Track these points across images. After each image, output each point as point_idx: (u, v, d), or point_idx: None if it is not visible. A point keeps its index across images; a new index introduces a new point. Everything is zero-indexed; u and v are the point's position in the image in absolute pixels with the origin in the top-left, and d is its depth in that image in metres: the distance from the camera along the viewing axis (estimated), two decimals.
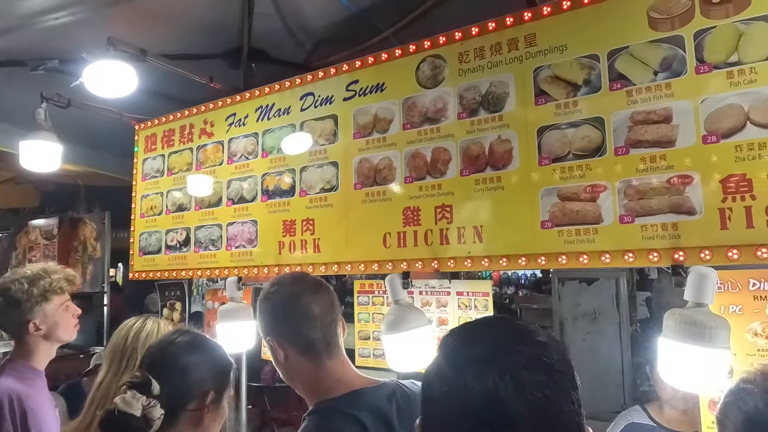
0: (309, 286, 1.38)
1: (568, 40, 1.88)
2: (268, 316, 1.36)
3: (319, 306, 1.32)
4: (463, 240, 2.02)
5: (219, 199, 2.81)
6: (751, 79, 1.57)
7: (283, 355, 1.32)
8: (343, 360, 1.35)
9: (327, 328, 1.31)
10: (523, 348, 0.60)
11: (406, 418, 1.24)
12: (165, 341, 1.32)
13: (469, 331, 0.70)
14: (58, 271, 1.95)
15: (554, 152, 1.87)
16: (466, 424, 0.56)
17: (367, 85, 2.35)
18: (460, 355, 0.63)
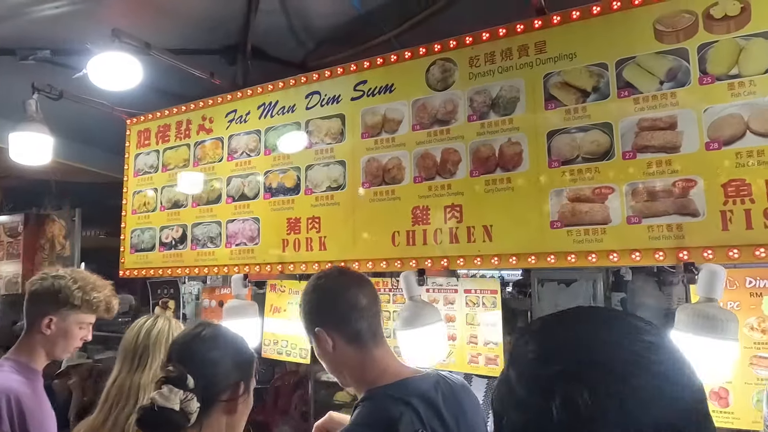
0: (354, 278, 1.41)
1: (578, 49, 1.96)
2: (315, 307, 1.37)
3: (366, 297, 1.35)
4: (473, 239, 2.08)
5: (218, 196, 2.79)
6: (751, 91, 1.68)
7: (331, 345, 1.33)
8: (388, 349, 1.38)
9: (372, 319, 1.34)
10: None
11: (451, 406, 1.29)
12: (190, 335, 1.32)
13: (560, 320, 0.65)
14: (106, 294, 1.93)
15: (564, 155, 1.95)
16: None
17: (376, 86, 2.38)
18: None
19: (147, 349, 1.81)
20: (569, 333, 0.61)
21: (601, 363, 0.54)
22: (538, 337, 0.63)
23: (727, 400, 1.75)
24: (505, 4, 2.19)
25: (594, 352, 0.56)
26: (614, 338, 0.57)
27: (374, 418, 1.21)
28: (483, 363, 2.16)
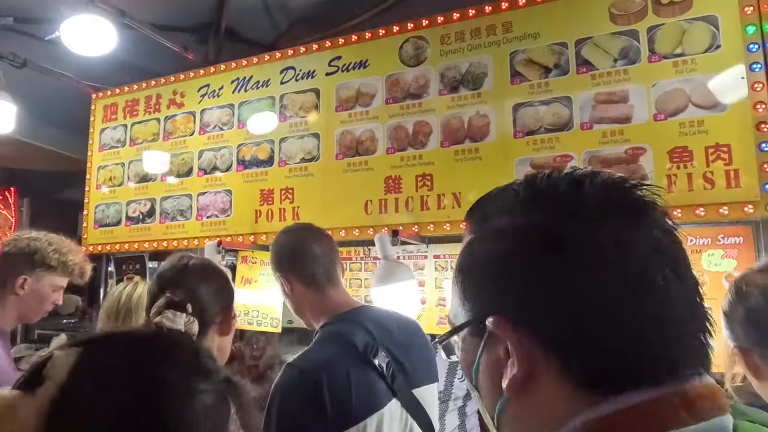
0: (312, 232, 1.58)
1: (541, 29, 2.12)
2: (276, 255, 1.54)
3: (320, 247, 1.51)
4: (443, 206, 2.19)
5: (189, 170, 2.80)
6: (692, 68, 1.88)
7: (290, 287, 1.49)
8: (344, 291, 1.53)
9: (328, 265, 1.49)
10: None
11: (403, 333, 1.46)
12: (179, 266, 1.34)
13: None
14: (81, 258, 1.89)
15: (528, 126, 2.10)
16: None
17: (350, 62, 2.47)
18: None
19: (130, 312, 1.82)
20: None
21: None
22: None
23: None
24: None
25: None
26: None
27: (331, 336, 1.37)
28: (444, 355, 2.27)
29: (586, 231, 0.48)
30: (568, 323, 0.47)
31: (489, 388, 0.54)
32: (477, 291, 0.54)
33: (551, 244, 0.48)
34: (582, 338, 0.47)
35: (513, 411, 0.51)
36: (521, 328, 0.49)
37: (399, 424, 1.36)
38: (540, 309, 0.48)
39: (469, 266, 0.55)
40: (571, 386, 0.47)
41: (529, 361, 0.48)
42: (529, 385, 0.49)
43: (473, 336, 0.54)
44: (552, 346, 0.48)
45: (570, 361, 0.47)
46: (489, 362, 0.53)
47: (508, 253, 0.51)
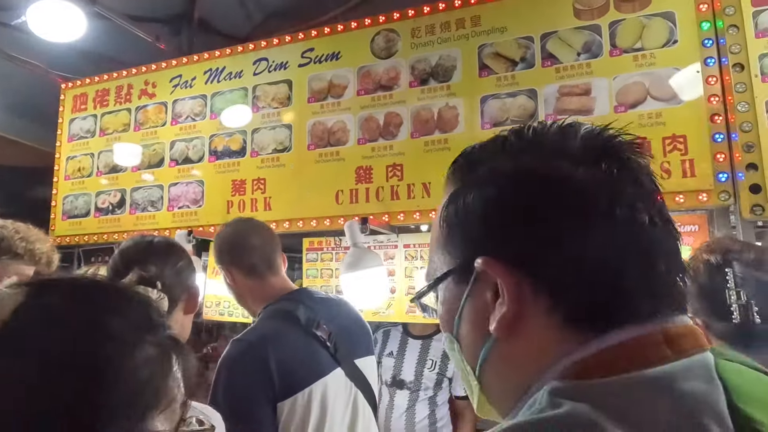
0: (251, 224, 1.67)
1: (508, 23, 2.18)
2: (218, 249, 1.63)
3: (260, 238, 1.60)
4: (413, 195, 2.23)
5: (161, 160, 2.78)
6: (651, 62, 1.95)
7: (231, 278, 1.58)
8: (284, 277, 1.61)
9: (268, 255, 1.58)
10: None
11: (341, 308, 1.60)
12: (143, 244, 1.34)
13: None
14: (49, 247, 1.81)
15: (495, 118, 2.15)
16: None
17: (322, 53, 2.49)
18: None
19: None
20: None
21: None
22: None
23: None
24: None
25: None
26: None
27: (275, 312, 1.46)
28: (420, 312, 2.30)
29: (576, 172, 0.49)
30: (557, 262, 0.48)
31: (472, 335, 0.53)
32: (464, 237, 0.53)
33: (543, 185, 0.50)
34: (570, 277, 0.47)
35: (499, 355, 0.51)
36: (511, 267, 0.49)
37: (344, 392, 1.43)
38: (529, 248, 0.49)
39: (455, 214, 0.54)
40: (559, 326, 0.47)
41: (519, 300, 0.48)
42: (517, 325, 0.49)
43: (457, 284, 0.54)
44: (541, 285, 0.48)
45: (558, 300, 0.48)
46: (474, 307, 0.52)
47: (498, 195, 0.51)
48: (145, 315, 0.63)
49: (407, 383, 2.48)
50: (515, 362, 0.51)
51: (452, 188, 0.57)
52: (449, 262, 0.55)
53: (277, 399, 1.29)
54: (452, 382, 2.50)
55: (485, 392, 0.54)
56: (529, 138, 0.54)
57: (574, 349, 0.46)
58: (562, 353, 0.47)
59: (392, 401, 2.49)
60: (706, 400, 0.42)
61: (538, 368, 0.48)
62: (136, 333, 0.59)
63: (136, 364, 0.57)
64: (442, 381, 2.47)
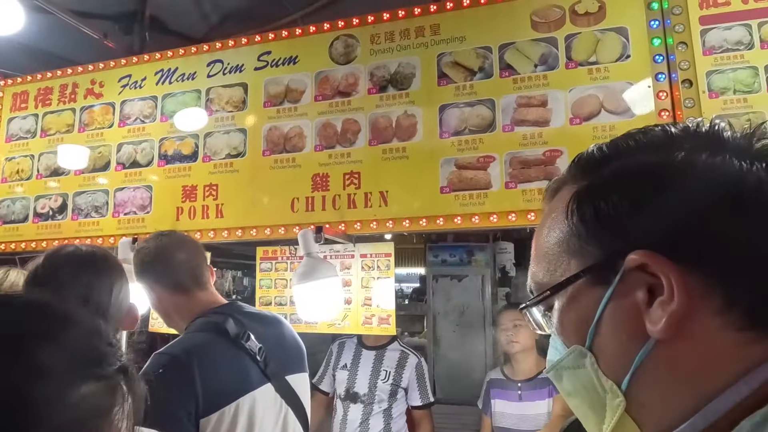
0: (174, 238, 1.58)
1: (467, 32, 2.17)
2: (139, 266, 1.54)
3: (184, 253, 1.53)
4: (370, 204, 2.18)
5: (107, 163, 2.64)
6: (605, 76, 1.98)
7: (155, 297, 1.51)
8: (212, 291, 1.55)
9: (194, 270, 1.52)
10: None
11: (269, 326, 1.53)
12: (71, 254, 1.23)
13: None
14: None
15: (453, 127, 2.13)
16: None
17: (280, 57, 2.43)
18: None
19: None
20: None
21: None
22: None
23: None
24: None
25: None
26: None
27: (202, 325, 1.40)
28: (376, 324, 2.25)
29: (748, 167, 0.46)
30: (733, 257, 0.44)
31: (619, 343, 0.47)
32: (606, 233, 0.48)
33: (709, 177, 0.46)
34: (750, 274, 0.43)
35: (662, 361, 0.45)
36: (675, 261, 0.44)
37: (273, 408, 1.38)
38: (699, 241, 0.45)
39: (595, 210, 0.49)
40: (735, 329, 0.43)
41: (688, 294, 0.43)
42: (684, 325, 0.44)
43: (592, 286, 0.48)
44: (712, 281, 0.44)
45: (733, 299, 0.43)
46: (623, 309, 0.47)
47: (656, 187, 0.47)
48: (88, 345, 0.55)
49: (361, 396, 2.42)
50: (684, 369, 0.45)
51: (576, 186, 0.52)
52: (580, 263, 0.49)
53: (201, 415, 1.22)
54: (408, 392, 2.46)
55: (634, 409, 0.47)
56: (679, 134, 0.51)
57: (764, 360, 0.41)
58: (752, 360, 0.42)
59: (346, 416, 2.42)
60: None
61: (717, 378, 0.43)
62: (71, 366, 0.51)
63: (68, 403, 0.49)
64: (396, 392, 2.42)
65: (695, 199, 0.46)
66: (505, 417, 2.35)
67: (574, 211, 0.51)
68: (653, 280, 0.45)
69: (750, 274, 0.44)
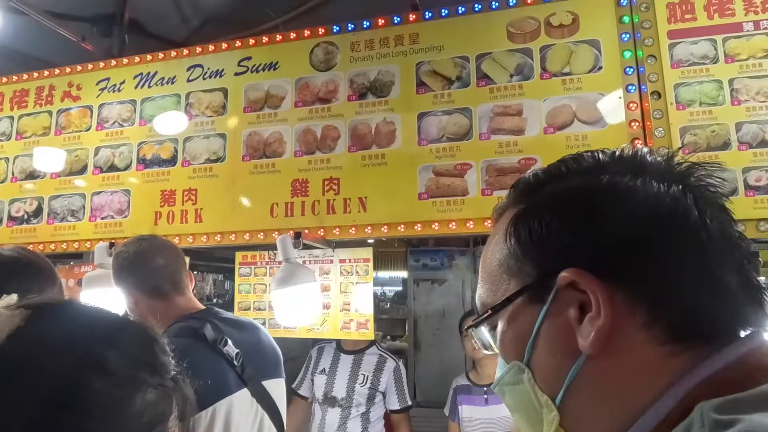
0: (153, 243, 1.58)
1: (445, 42, 2.21)
2: (117, 270, 1.54)
3: (163, 258, 1.53)
4: (349, 210, 2.20)
5: (84, 167, 2.61)
6: (578, 87, 2.04)
7: (133, 300, 1.51)
8: (190, 296, 1.56)
9: (173, 275, 1.52)
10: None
11: (249, 329, 1.54)
12: (13, 259, 1.18)
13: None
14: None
15: (431, 135, 2.17)
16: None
17: (260, 63, 2.44)
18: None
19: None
20: None
21: None
22: None
23: None
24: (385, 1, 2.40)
25: None
26: None
27: (179, 330, 1.39)
28: (355, 328, 2.27)
29: (666, 187, 0.49)
30: (655, 273, 0.46)
31: (554, 358, 0.49)
32: (540, 253, 0.50)
33: (631, 198, 0.49)
34: (671, 288, 0.45)
35: (593, 376, 0.47)
36: (602, 278, 0.46)
37: (250, 413, 1.38)
38: (623, 258, 0.47)
39: (529, 232, 0.51)
40: (661, 341, 0.45)
41: (614, 311, 0.45)
42: (613, 340, 0.45)
43: (529, 304, 0.50)
44: (637, 297, 0.46)
45: (657, 313, 0.45)
46: (556, 326, 0.48)
47: (583, 209, 0.50)
48: (149, 354, 0.57)
49: (339, 400, 2.43)
50: (613, 384, 0.46)
51: (515, 209, 0.55)
52: (517, 283, 0.52)
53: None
54: (386, 396, 2.48)
55: (569, 424, 0.48)
56: (605, 159, 0.54)
57: (691, 368, 0.43)
58: (676, 372, 0.44)
59: (324, 419, 2.43)
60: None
61: (645, 391, 0.44)
62: (136, 373, 0.54)
63: (134, 407, 0.52)
64: (374, 396, 2.44)
65: (618, 218, 0.48)
66: (473, 422, 2.38)
67: (512, 234, 0.53)
68: (584, 297, 0.47)
69: (669, 289, 0.46)
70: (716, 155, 1.86)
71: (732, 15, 1.94)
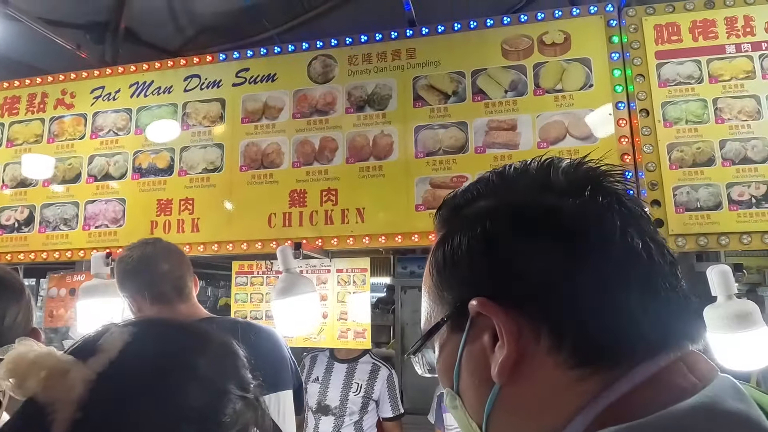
0: (159, 247, 1.55)
1: (442, 57, 2.27)
2: (121, 275, 1.51)
3: (168, 263, 1.50)
4: (347, 220, 2.24)
5: (77, 175, 2.60)
6: (570, 103, 2.11)
7: (136, 307, 1.47)
8: (195, 303, 1.53)
9: (177, 281, 1.49)
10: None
11: (250, 343, 1.43)
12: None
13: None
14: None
15: (428, 148, 2.22)
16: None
17: (258, 74, 2.46)
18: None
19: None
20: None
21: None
22: None
23: None
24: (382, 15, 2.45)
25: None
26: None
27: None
28: (352, 337, 2.30)
29: (564, 203, 0.47)
30: (553, 298, 0.44)
31: (474, 387, 0.49)
32: (455, 281, 0.50)
33: (530, 219, 0.47)
34: (571, 313, 0.44)
35: (507, 404, 0.46)
36: (507, 308, 0.45)
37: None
38: (523, 286, 0.46)
39: (444, 260, 0.51)
40: (568, 367, 0.44)
41: (517, 340, 0.45)
42: (521, 369, 0.45)
43: (453, 332, 0.50)
44: (540, 324, 0.45)
45: (560, 339, 0.44)
46: (473, 355, 0.48)
47: (485, 234, 0.48)
48: (233, 364, 0.62)
49: (332, 409, 2.45)
50: (527, 410, 0.46)
51: (439, 235, 0.55)
52: (442, 310, 0.51)
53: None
54: (379, 404, 2.51)
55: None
56: (511, 176, 0.53)
57: (600, 391, 0.42)
58: (586, 396, 0.43)
59: (318, 428, 2.45)
60: (749, 419, 0.39)
61: (557, 415, 0.44)
62: (230, 387, 0.58)
63: (229, 416, 0.56)
64: (368, 404, 2.47)
65: (517, 243, 0.47)
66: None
67: (432, 263, 0.53)
68: (495, 325, 0.46)
69: (571, 313, 0.44)
70: (702, 171, 1.95)
71: (715, 38, 2.03)
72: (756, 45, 2.00)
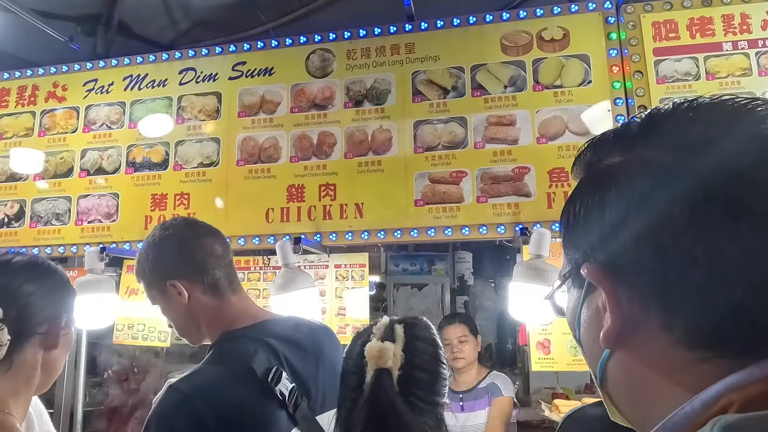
0: (206, 227, 1.33)
1: (441, 52, 2.27)
2: (159, 260, 1.25)
3: (220, 246, 1.29)
4: (345, 215, 2.22)
5: (69, 170, 2.55)
6: (569, 99, 2.12)
7: (186, 297, 1.21)
8: (246, 295, 1.32)
9: (228, 268, 1.28)
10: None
11: (311, 345, 1.27)
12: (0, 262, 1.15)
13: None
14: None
15: (427, 143, 2.21)
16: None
17: (255, 68, 2.44)
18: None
19: None
20: None
21: None
22: None
23: (549, 348, 2.12)
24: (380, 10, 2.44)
25: None
26: None
27: (226, 356, 1.15)
28: (350, 333, 2.29)
29: (699, 163, 0.40)
30: (669, 275, 0.40)
31: (589, 343, 0.49)
32: (578, 239, 0.48)
33: (654, 180, 0.42)
34: (691, 292, 0.40)
35: (619, 368, 0.46)
36: (617, 277, 0.43)
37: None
38: (638, 256, 0.42)
39: (570, 215, 0.49)
40: (683, 345, 0.41)
41: (623, 313, 0.43)
42: (628, 340, 0.43)
43: (575, 288, 0.50)
44: (651, 298, 0.42)
45: (674, 317, 0.41)
46: (588, 315, 0.48)
47: (604, 194, 0.45)
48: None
49: None
50: (640, 378, 0.45)
51: (576, 181, 0.52)
52: (567, 266, 0.51)
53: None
54: None
55: (613, 401, 0.49)
56: (644, 124, 0.46)
57: (724, 374, 0.39)
58: (707, 377, 0.39)
59: None
60: None
61: (671, 392, 0.42)
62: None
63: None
64: None
65: (630, 210, 0.43)
66: (456, 429, 2.44)
67: (562, 215, 0.53)
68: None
69: (688, 292, 0.40)
70: None
71: (712, 35, 2.05)
72: (752, 42, 2.02)
